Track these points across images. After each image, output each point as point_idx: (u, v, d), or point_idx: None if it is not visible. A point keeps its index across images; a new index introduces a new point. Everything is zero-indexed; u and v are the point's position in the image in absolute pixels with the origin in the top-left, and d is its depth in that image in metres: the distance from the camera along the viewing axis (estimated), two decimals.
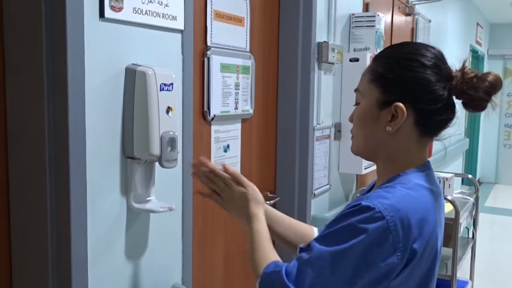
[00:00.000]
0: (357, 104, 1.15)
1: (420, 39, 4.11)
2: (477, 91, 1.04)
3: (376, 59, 1.13)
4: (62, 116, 1.19)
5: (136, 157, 1.37)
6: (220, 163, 1.32)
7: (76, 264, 1.23)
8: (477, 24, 7.42)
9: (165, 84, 1.36)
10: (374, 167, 2.91)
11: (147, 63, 1.39)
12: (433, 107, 1.06)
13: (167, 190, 1.53)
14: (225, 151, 2.07)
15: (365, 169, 2.79)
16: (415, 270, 1.02)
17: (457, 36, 5.90)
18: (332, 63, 2.57)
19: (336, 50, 2.50)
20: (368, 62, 2.68)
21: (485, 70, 6.72)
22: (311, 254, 1.01)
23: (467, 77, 1.06)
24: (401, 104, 1.06)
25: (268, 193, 2.42)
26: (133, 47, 1.38)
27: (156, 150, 1.34)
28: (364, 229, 0.97)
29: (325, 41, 2.44)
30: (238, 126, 2.14)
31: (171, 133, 1.37)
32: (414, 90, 1.06)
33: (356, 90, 1.16)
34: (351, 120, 1.17)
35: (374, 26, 2.72)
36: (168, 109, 1.37)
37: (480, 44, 7.72)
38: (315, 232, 1.38)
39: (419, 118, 1.07)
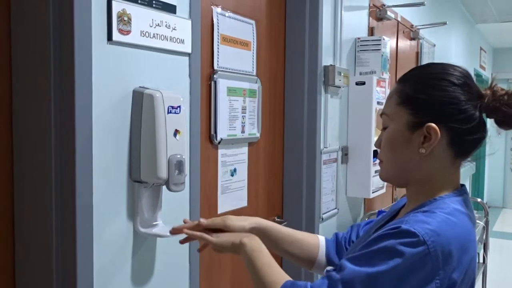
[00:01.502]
0: (384, 128, 1.12)
1: (425, 63, 4.12)
2: (511, 108, 1.03)
3: (403, 81, 1.10)
4: (68, 140, 1.18)
5: (143, 181, 1.35)
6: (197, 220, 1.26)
7: None
8: (481, 48, 7.45)
9: (172, 107, 1.35)
10: (382, 191, 2.89)
11: (154, 86, 1.38)
12: (466, 126, 1.04)
13: (174, 214, 1.51)
14: (232, 175, 2.05)
15: (373, 192, 2.76)
16: None
17: (462, 60, 5.91)
18: (339, 87, 2.56)
19: (342, 74, 2.50)
20: (374, 85, 2.68)
21: None
22: (343, 274, 0.96)
23: (498, 95, 1.04)
24: (434, 125, 1.03)
25: (275, 217, 2.39)
26: (140, 70, 1.37)
27: (163, 173, 1.32)
28: (403, 252, 0.93)
29: (331, 65, 2.44)
30: (245, 149, 2.13)
31: (179, 156, 1.36)
32: (446, 110, 1.04)
33: (382, 114, 1.13)
34: (378, 145, 1.14)
35: (379, 49, 2.72)
36: (176, 132, 1.35)
37: (484, 68, 7.74)
38: (320, 240, 1.34)
39: (453, 138, 1.05)
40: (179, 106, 1.37)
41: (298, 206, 2.40)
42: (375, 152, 2.77)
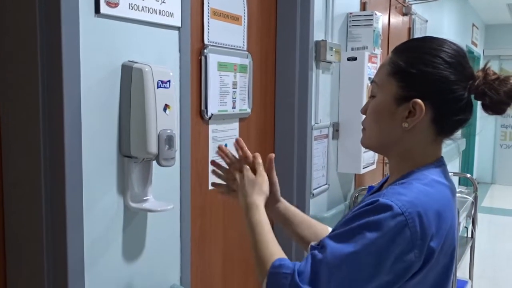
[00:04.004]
0: (372, 96, 1.12)
1: None
2: (498, 94, 1.02)
3: (398, 51, 1.10)
4: (57, 114, 1.17)
5: (133, 156, 1.34)
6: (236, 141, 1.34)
7: (73, 267, 1.20)
8: (473, 25, 7.42)
9: (162, 82, 1.34)
10: (373, 167, 2.90)
11: (144, 61, 1.37)
12: (452, 107, 1.04)
13: (165, 189, 1.51)
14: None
15: (363, 168, 2.77)
16: (432, 270, 1.00)
17: (454, 36, 5.90)
18: (330, 62, 2.55)
19: (334, 49, 2.49)
20: (366, 60, 2.67)
21: None
22: (325, 253, 0.97)
23: (489, 79, 1.04)
24: (420, 101, 1.04)
25: None
26: (129, 44, 1.35)
27: (153, 148, 1.32)
28: (383, 226, 0.94)
29: (323, 40, 2.42)
30: (236, 125, 2.12)
31: (169, 131, 1.35)
32: (435, 88, 1.04)
33: (372, 82, 1.13)
34: (364, 112, 1.14)
35: (372, 25, 2.70)
36: (166, 106, 1.35)
37: (476, 45, 7.73)
38: (329, 230, 1.34)
39: (437, 116, 1.05)
40: (169, 81, 1.36)
41: (289, 181, 2.40)
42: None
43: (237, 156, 1.34)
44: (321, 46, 2.41)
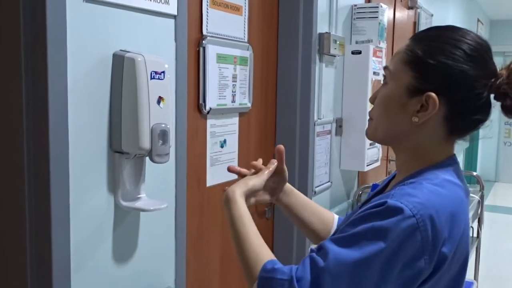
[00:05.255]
0: (384, 84, 1.03)
1: None
2: None
3: (416, 39, 1.00)
4: (41, 107, 1.08)
5: (124, 151, 1.26)
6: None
7: (58, 270, 1.12)
8: (478, 20, 7.32)
9: (156, 72, 1.25)
10: (377, 164, 2.81)
11: (136, 50, 1.28)
12: (469, 105, 0.95)
13: (159, 187, 1.43)
14: (222, 146, 1.97)
15: (367, 166, 2.69)
16: (443, 277, 0.91)
17: None
18: (334, 56, 2.46)
19: (338, 42, 2.40)
20: (371, 54, 2.58)
21: None
22: (327, 260, 0.88)
23: None
24: (434, 95, 0.94)
25: None
26: (121, 32, 1.27)
27: (146, 143, 1.23)
28: (392, 231, 0.86)
29: (326, 32, 2.33)
30: (235, 120, 2.04)
31: (163, 125, 1.27)
32: (452, 83, 0.94)
33: (385, 68, 1.03)
34: (372, 101, 1.05)
35: (377, 17, 2.62)
36: (160, 99, 1.26)
37: None
38: (335, 219, 1.26)
39: (451, 114, 0.96)
40: (163, 72, 1.28)
41: (291, 179, 2.29)
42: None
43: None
44: (324, 39, 2.32)
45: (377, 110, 1.03)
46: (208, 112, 1.83)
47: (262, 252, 0.98)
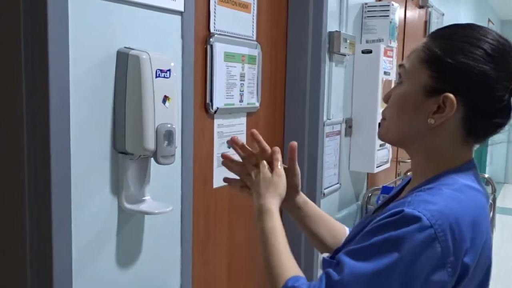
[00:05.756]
0: (399, 83, 0.98)
1: None
2: None
3: (435, 37, 0.96)
4: (42, 106, 1.04)
5: (128, 152, 1.21)
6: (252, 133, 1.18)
7: (59, 275, 1.07)
8: (489, 20, 7.23)
9: (161, 70, 1.21)
10: (387, 166, 2.75)
11: (141, 47, 1.23)
12: (488, 108, 0.91)
13: (164, 189, 1.38)
14: (229, 147, 1.91)
15: (377, 167, 2.63)
16: (467, 287, 0.87)
17: None
18: (344, 55, 2.41)
19: (348, 41, 2.34)
20: (382, 54, 2.53)
21: None
22: (342, 274, 0.83)
23: None
24: (452, 96, 0.90)
25: None
26: (126, 28, 1.22)
27: (151, 144, 1.19)
28: (409, 241, 0.81)
29: (337, 31, 2.28)
30: (243, 120, 1.99)
31: (168, 125, 1.22)
32: (471, 84, 0.90)
33: (401, 66, 0.99)
34: (386, 100, 1.00)
35: (388, 16, 2.56)
36: (165, 98, 1.22)
37: None
38: (346, 232, 1.22)
39: (469, 116, 0.91)
40: (169, 70, 1.23)
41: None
42: (379, 125, 2.63)
43: (252, 150, 1.18)
44: (334, 37, 2.27)
45: (390, 110, 0.98)
46: (215, 112, 1.78)
47: (288, 266, 0.95)
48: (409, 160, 3.26)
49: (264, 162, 1.11)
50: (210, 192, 1.81)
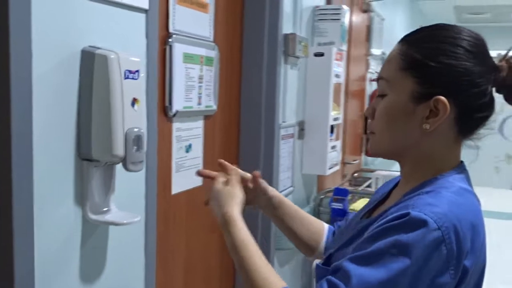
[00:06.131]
0: (381, 95, 0.97)
1: (375, 37, 4.04)
2: None
3: (409, 42, 0.95)
4: (2, 109, 0.94)
5: (94, 159, 1.13)
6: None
7: None
8: (420, 26, 7.52)
9: (130, 71, 1.13)
10: (337, 168, 2.77)
11: (105, 47, 1.15)
12: (477, 103, 0.91)
13: (128, 197, 1.30)
14: (187, 151, 1.85)
15: (329, 169, 2.65)
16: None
17: None
18: (298, 57, 2.40)
19: (302, 43, 2.34)
20: (334, 57, 2.54)
21: None
22: (351, 283, 0.80)
23: None
24: (443, 98, 0.89)
25: None
26: (88, 26, 1.14)
27: (120, 150, 1.11)
28: (418, 245, 0.80)
29: (292, 33, 2.26)
30: (200, 123, 1.93)
31: (137, 129, 1.15)
32: (459, 83, 0.90)
33: (380, 79, 0.97)
34: (370, 114, 0.99)
35: (339, 19, 2.58)
36: (134, 101, 1.14)
37: None
38: (325, 228, 1.23)
39: (461, 114, 0.92)
40: (137, 71, 1.16)
41: None
42: (332, 127, 2.65)
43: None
44: (289, 40, 2.25)
45: (379, 123, 0.97)
46: (174, 115, 1.71)
47: (271, 279, 0.91)
48: (354, 162, 3.32)
49: (219, 176, 1.14)
50: (169, 199, 1.74)
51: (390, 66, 0.96)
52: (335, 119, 2.68)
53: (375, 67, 4.24)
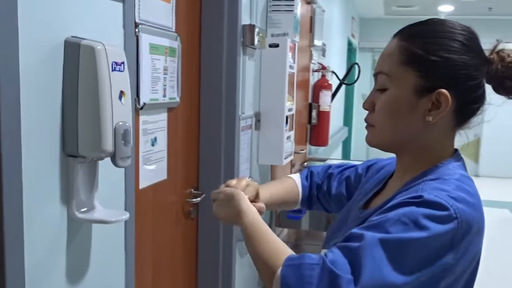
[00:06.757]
0: (382, 89, 0.99)
1: (317, 29, 4.10)
2: None
3: (407, 37, 0.97)
4: None
5: (79, 155, 1.08)
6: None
7: None
8: (352, 18, 7.73)
9: (116, 63, 1.09)
10: (291, 158, 2.79)
11: (86, 37, 1.10)
12: (474, 94, 0.96)
13: (109, 193, 1.26)
14: (153, 144, 1.81)
15: (285, 159, 2.68)
16: (465, 273, 0.91)
17: (340, 28, 6.07)
18: (255, 48, 2.40)
19: (260, 34, 2.34)
20: (288, 48, 2.56)
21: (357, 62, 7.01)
22: (364, 240, 0.82)
23: (507, 61, 0.97)
24: (446, 91, 0.93)
25: (192, 189, 2.19)
26: (69, 15, 1.08)
27: (109, 145, 1.07)
28: (430, 218, 0.83)
29: (250, 24, 2.26)
30: (164, 116, 1.89)
31: (125, 123, 1.11)
32: (458, 76, 0.94)
33: (379, 73, 0.99)
34: (370, 108, 1.01)
35: (293, 10, 2.60)
36: (121, 94, 1.10)
37: (354, 37, 8.07)
38: (296, 182, 1.32)
39: (459, 106, 0.96)
40: (123, 62, 1.12)
41: (216, 176, 2.22)
42: (286, 118, 2.67)
43: None
44: (248, 30, 2.24)
45: (381, 117, 0.99)
46: (141, 108, 1.66)
47: (283, 247, 0.93)
48: (302, 151, 3.36)
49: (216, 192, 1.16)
50: (138, 193, 1.69)
51: (389, 60, 0.98)
52: (290, 109, 2.71)
53: (317, 58, 4.31)
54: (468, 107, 0.97)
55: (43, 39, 1.00)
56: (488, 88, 1.02)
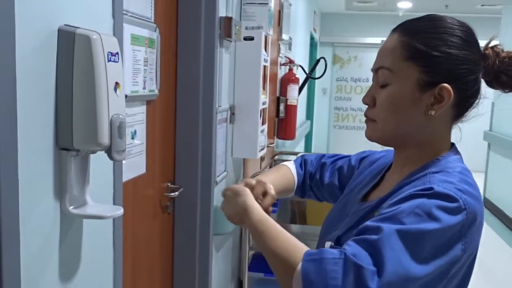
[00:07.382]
0: (384, 85, 0.99)
1: (285, 23, 4.11)
2: None
3: (409, 33, 0.98)
4: None
5: (73, 148, 1.04)
6: None
7: None
8: (314, 12, 7.78)
9: (111, 54, 1.06)
10: (264, 151, 2.79)
11: (77, 25, 1.06)
12: (472, 89, 0.99)
13: (98, 188, 1.22)
14: (133, 137, 1.77)
15: (259, 151, 2.68)
16: (465, 264, 0.93)
17: (304, 22, 6.10)
18: (231, 41, 2.38)
19: (237, 27, 2.32)
20: (263, 41, 2.55)
21: (318, 56, 7.04)
22: (382, 233, 0.83)
23: (501, 56, 0.99)
24: (448, 86, 0.95)
25: (169, 183, 2.16)
26: (60, 2, 1.04)
27: (105, 138, 1.03)
28: (442, 209, 0.85)
29: (227, 16, 2.24)
30: (143, 108, 1.85)
31: (119, 115, 1.08)
32: (459, 70, 0.96)
33: (380, 68, 1.00)
34: (371, 102, 1.02)
35: (267, 3, 2.59)
36: (116, 85, 1.07)
37: (315, 31, 8.13)
38: (292, 170, 1.32)
39: (459, 100, 0.98)
40: (117, 53, 1.09)
41: (193, 170, 2.20)
42: (260, 111, 2.67)
43: None
44: (225, 22, 2.22)
45: (383, 111, 1.00)
46: None
47: (298, 242, 0.92)
48: (271, 145, 3.38)
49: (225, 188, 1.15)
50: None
51: (391, 56, 0.99)
52: (263, 103, 2.71)
53: (284, 52, 4.32)
54: (467, 101, 1.00)
55: (36, 27, 0.96)
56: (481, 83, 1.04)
